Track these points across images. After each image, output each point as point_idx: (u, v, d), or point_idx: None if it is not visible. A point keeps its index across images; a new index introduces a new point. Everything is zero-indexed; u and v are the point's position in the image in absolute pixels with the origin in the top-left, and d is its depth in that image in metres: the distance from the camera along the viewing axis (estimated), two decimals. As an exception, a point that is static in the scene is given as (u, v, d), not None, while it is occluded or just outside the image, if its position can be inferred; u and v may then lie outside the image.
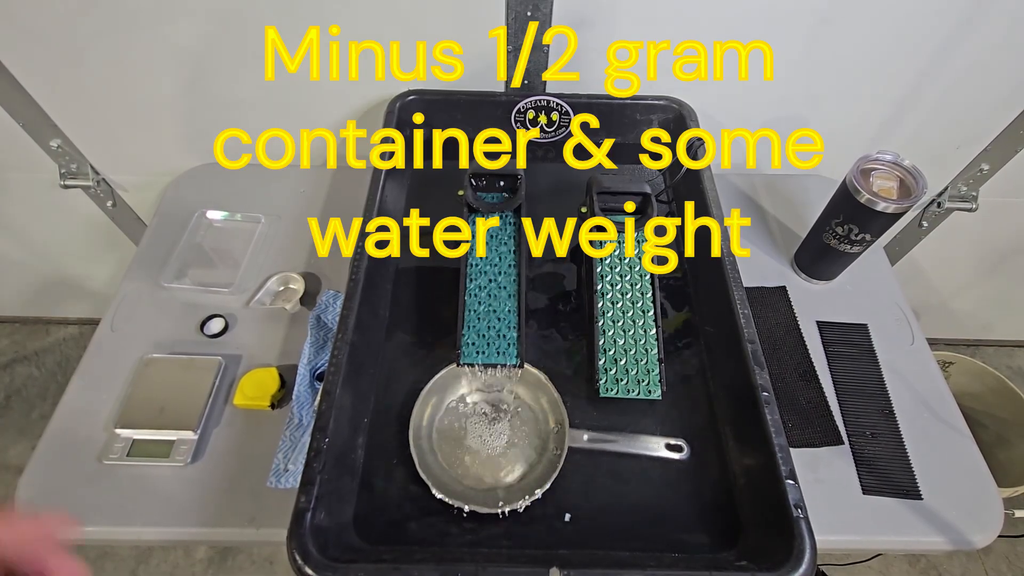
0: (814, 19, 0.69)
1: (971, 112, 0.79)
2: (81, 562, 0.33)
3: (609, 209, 0.66)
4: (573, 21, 0.69)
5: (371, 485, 0.52)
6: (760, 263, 0.75)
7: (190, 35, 0.70)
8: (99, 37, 0.70)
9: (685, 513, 0.51)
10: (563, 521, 0.50)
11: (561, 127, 0.77)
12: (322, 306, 0.65)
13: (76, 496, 0.54)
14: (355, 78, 0.76)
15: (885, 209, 0.60)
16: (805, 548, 0.43)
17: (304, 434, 0.57)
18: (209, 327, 0.66)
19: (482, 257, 0.64)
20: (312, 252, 0.74)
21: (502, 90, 0.77)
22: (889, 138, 0.82)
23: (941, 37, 0.70)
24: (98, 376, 0.62)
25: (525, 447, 0.55)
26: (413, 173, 0.76)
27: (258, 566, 1.10)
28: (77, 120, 0.82)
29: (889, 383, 0.64)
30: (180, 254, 0.71)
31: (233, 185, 0.82)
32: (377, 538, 0.49)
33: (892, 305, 0.71)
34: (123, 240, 1.02)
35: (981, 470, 0.59)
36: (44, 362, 1.33)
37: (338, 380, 0.50)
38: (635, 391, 0.56)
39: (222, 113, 0.81)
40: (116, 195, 0.93)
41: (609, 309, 0.61)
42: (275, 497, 0.54)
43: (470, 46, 0.73)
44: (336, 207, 0.79)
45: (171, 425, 0.57)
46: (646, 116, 0.77)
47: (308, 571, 0.41)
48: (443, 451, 0.55)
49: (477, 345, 0.58)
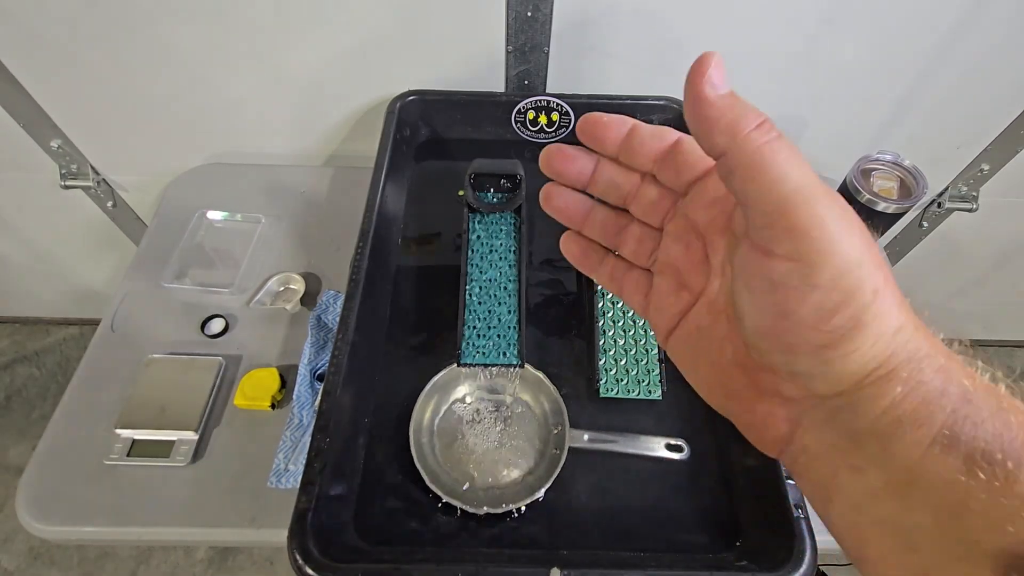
0: (814, 19, 0.69)
1: (971, 112, 0.79)
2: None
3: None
4: (573, 21, 0.69)
5: (372, 485, 0.52)
6: (760, 263, 0.75)
7: (190, 35, 0.70)
8: (99, 37, 0.70)
9: (685, 513, 0.51)
10: (563, 521, 0.51)
11: (561, 127, 0.77)
12: (322, 306, 0.65)
13: (76, 496, 0.54)
14: (355, 78, 0.76)
15: (885, 209, 0.60)
16: (805, 548, 0.43)
17: (304, 434, 0.57)
18: (209, 327, 0.66)
19: (482, 257, 0.64)
20: (312, 252, 0.74)
21: (502, 90, 0.77)
22: (889, 138, 0.82)
23: (941, 37, 0.70)
24: (98, 376, 0.62)
25: (525, 447, 0.55)
26: (413, 173, 0.76)
27: (258, 566, 1.10)
28: (77, 120, 0.82)
29: (889, 383, 0.64)
30: (180, 254, 0.71)
31: (233, 185, 0.82)
32: (377, 538, 0.49)
33: (892, 305, 0.71)
34: (123, 240, 1.02)
35: (981, 470, 0.59)
36: (44, 362, 1.33)
37: (339, 380, 0.50)
38: (635, 391, 0.56)
39: (222, 113, 0.81)
40: (116, 195, 0.93)
41: (609, 309, 0.61)
42: (275, 497, 0.54)
43: (470, 46, 0.73)
44: (336, 207, 0.79)
45: (171, 425, 0.57)
46: (646, 116, 0.77)
47: (309, 571, 0.42)
48: (443, 451, 0.55)
49: (477, 345, 0.58)
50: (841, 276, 0.18)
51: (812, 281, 0.18)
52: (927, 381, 0.18)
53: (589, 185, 0.25)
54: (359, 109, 0.80)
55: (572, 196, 0.26)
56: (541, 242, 0.70)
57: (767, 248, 0.19)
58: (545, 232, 0.71)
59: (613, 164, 0.25)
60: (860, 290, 0.18)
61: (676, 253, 0.24)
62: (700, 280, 0.23)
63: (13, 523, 1.11)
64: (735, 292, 0.21)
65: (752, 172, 0.18)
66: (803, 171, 0.19)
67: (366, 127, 0.81)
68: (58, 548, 1.10)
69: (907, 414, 0.18)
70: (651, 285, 0.25)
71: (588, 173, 0.25)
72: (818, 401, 0.20)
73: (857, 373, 0.18)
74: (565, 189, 0.25)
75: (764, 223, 0.19)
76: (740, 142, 0.19)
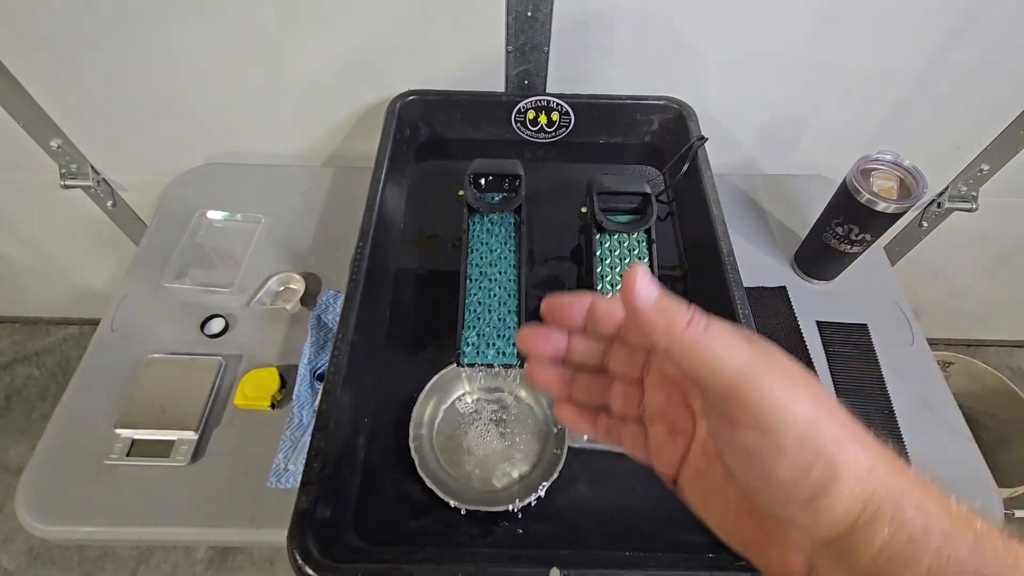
0: (814, 19, 0.69)
1: (971, 112, 0.79)
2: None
3: (610, 209, 0.66)
4: (573, 21, 0.69)
5: (371, 485, 0.52)
6: (760, 263, 0.75)
7: (190, 35, 0.70)
8: (99, 37, 0.70)
9: (685, 513, 0.51)
10: (563, 521, 0.50)
11: (561, 127, 0.77)
12: (322, 306, 0.65)
13: (76, 496, 0.54)
14: (355, 78, 0.76)
15: (885, 209, 0.60)
16: (805, 548, 0.43)
17: (304, 434, 0.57)
18: (209, 327, 0.66)
19: (482, 257, 0.64)
20: (312, 252, 0.74)
21: (502, 90, 0.77)
22: (889, 138, 0.82)
23: (941, 37, 0.70)
24: (98, 376, 0.62)
25: (525, 447, 0.55)
26: (413, 173, 0.76)
27: (258, 566, 1.10)
28: (77, 120, 0.82)
29: (889, 383, 0.64)
30: (180, 254, 0.71)
31: (233, 185, 0.82)
32: (377, 538, 0.49)
33: (892, 305, 0.71)
34: (123, 240, 1.02)
35: (981, 470, 0.59)
36: (44, 362, 1.33)
37: (338, 380, 0.50)
38: (635, 391, 0.56)
39: (222, 113, 0.81)
40: (116, 195, 0.93)
41: (609, 309, 0.61)
42: (275, 497, 0.54)
43: (470, 46, 0.73)
44: (336, 207, 0.79)
45: (171, 425, 0.57)
46: (646, 116, 0.77)
47: (308, 571, 0.41)
48: (443, 451, 0.55)
49: (477, 345, 0.58)
50: (803, 437, 0.20)
51: (779, 446, 0.20)
52: (909, 520, 0.19)
53: (566, 357, 0.27)
54: (359, 109, 0.80)
55: (552, 370, 0.28)
56: (541, 242, 0.70)
57: (731, 420, 0.21)
58: (545, 232, 0.71)
59: (583, 335, 0.27)
60: (823, 444, 0.20)
61: (659, 402, 0.26)
62: (688, 424, 0.25)
63: (13, 523, 1.11)
64: (719, 452, 0.23)
65: (694, 365, 0.21)
66: (739, 351, 0.21)
67: (366, 127, 0.81)
68: (58, 548, 1.10)
69: (898, 555, 0.19)
70: (647, 434, 0.27)
71: (563, 347, 0.27)
72: (822, 545, 0.21)
73: (847, 517, 0.20)
74: (545, 364, 0.28)
75: (719, 401, 0.21)
76: (677, 341, 0.21)
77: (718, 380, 0.20)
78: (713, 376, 0.20)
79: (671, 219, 0.73)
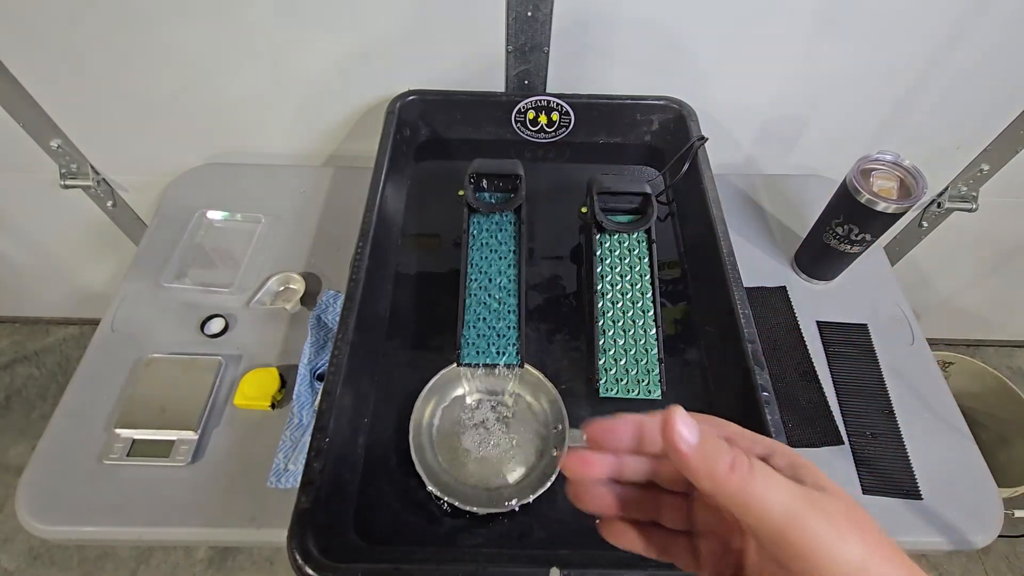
0: (814, 19, 0.69)
1: (971, 112, 0.79)
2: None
3: (610, 209, 0.66)
4: (573, 21, 0.69)
5: (371, 485, 0.52)
6: (760, 263, 0.75)
7: (190, 35, 0.70)
8: (99, 37, 0.70)
9: (685, 513, 0.51)
10: (563, 521, 0.50)
11: (561, 127, 0.77)
12: (322, 306, 0.65)
13: (76, 496, 0.54)
14: (355, 78, 0.76)
15: (885, 209, 0.60)
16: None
17: (304, 434, 0.57)
18: (209, 327, 0.66)
19: (482, 257, 0.64)
20: (312, 252, 0.74)
21: (502, 90, 0.77)
22: (889, 138, 0.82)
23: (941, 37, 0.70)
24: (98, 376, 0.62)
25: (525, 447, 0.55)
26: (413, 173, 0.76)
27: (258, 566, 1.10)
28: (77, 120, 0.82)
29: (889, 383, 0.64)
30: (180, 254, 0.71)
31: (233, 185, 0.82)
32: (377, 538, 0.49)
33: (892, 305, 0.71)
34: (123, 240, 1.02)
35: (981, 470, 0.59)
36: (44, 362, 1.33)
37: (338, 380, 0.50)
38: (635, 391, 0.56)
39: (222, 113, 0.81)
40: (116, 195, 0.93)
41: (609, 309, 0.61)
42: (275, 497, 0.54)
43: (470, 46, 0.73)
44: (336, 207, 0.79)
45: (171, 425, 0.57)
46: (646, 116, 0.77)
47: (308, 571, 0.41)
48: (443, 451, 0.55)
49: (477, 345, 0.58)
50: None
51: None
52: None
53: (614, 476, 0.27)
54: (359, 109, 0.80)
55: (599, 490, 0.27)
56: (541, 242, 0.70)
57: (781, 562, 0.21)
58: (545, 232, 0.71)
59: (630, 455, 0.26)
60: None
61: (708, 518, 0.26)
62: (739, 540, 0.25)
63: (13, 523, 1.11)
64: None
65: (740, 510, 0.21)
66: (783, 493, 0.21)
67: (366, 127, 0.81)
68: (58, 548, 1.10)
69: None
70: (698, 548, 0.27)
71: (610, 469, 0.26)
72: None
73: None
74: (590, 486, 0.27)
75: (767, 543, 0.21)
76: (720, 486, 0.21)
77: (766, 527, 0.21)
78: (759, 522, 0.21)
79: (671, 219, 0.74)
